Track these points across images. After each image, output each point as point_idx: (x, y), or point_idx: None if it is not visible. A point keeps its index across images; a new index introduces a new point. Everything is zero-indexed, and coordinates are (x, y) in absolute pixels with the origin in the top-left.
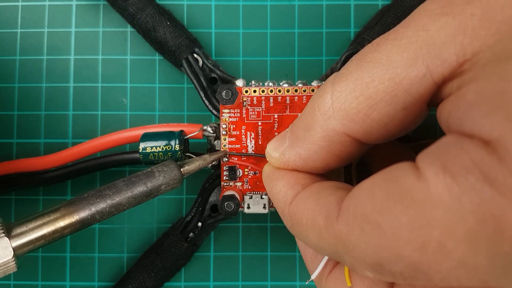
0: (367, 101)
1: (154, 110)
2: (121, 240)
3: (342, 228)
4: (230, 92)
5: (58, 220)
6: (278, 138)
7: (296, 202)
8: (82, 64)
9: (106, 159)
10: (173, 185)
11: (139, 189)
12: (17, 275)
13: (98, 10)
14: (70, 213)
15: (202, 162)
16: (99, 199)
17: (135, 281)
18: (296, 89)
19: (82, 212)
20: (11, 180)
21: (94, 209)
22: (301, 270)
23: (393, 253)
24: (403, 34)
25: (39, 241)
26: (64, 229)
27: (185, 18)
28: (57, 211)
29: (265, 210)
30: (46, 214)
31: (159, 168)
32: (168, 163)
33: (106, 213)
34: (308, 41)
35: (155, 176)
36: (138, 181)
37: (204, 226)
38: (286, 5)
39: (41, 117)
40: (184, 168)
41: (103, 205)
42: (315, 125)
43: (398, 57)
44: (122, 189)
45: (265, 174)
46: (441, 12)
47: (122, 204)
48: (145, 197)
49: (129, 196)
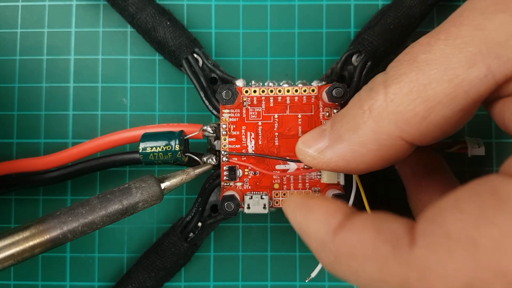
0: (424, 104)
1: (154, 110)
2: (121, 240)
3: (420, 254)
4: (230, 92)
5: (28, 240)
6: (313, 136)
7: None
8: (82, 64)
9: (106, 159)
10: (152, 202)
11: (114, 207)
12: (17, 275)
13: (98, 10)
14: (40, 232)
15: (185, 176)
16: (71, 218)
17: (135, 281)
18: (296, 89)
19: (53, 231)
20: (11, 180)
21: (66, 228)
22: (301, 270)
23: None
24: (457, 34)
25: (7, 261)
26: (33, 249)
27: (185, 18)
28: (27, 229)
29: (265, 210)
30: (15, 232)
31: (136, 184)
32: (147, 178)
33: (79, 232)
34: (308, 41)
35: (131, 193)
36: (113, 199)
37: (204, 226)
38: (286, 5)
39: (41, 117)
40: (165, 184)
41: (75, 224)
42: (365, 127)
43: (455, 58)
44: (96, 207)
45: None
46: (495, 9)
47: (96, 223)
48: (120, 215)
49: (103, 215)
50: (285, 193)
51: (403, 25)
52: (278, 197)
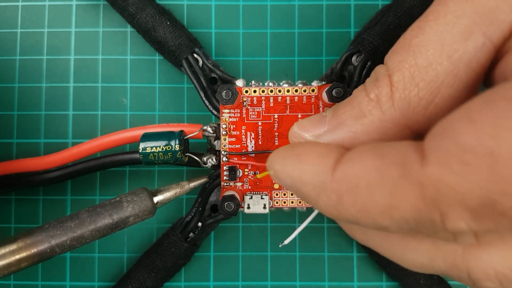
0: (428, 86)
1: (154, 110)
2: (121, 240)
3: (433, 172)
4: (230, 92)
5: (14, 253)
6: (312, 121)
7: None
8: (82, 64)
9: (106, 159)
10: (143, 217)
11: (103, 222)
12: (17, 275)
13: (98, 10)
14: (27, 245)
15: (180, 190)
16: (59, 231)
17: (135, 281)
18: (296, 89)
19: (41, 245)
20: (11, 180)
21: (54, 242)
22: (301, 270)
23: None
24: (446, 10)
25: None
26: (20, 263)
27: (185, 18)
28: (14, 242)
29: (265, 210)
30: (1, 245)
31: (128, 197)
32: (140, 191)
33: (67, 246)
34: (308, 41)
35: (122, 207)
36: (104, 212)
37: (204, 226)
38: (286, 5)
39: (41, 117)
40: (158, 197)
41: (64, 238)
42: (370, 115)
43: (449, 34)
44: (85, 220)
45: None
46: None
47: (85, 238)
48: (110, 229)
49: (92, 229)
50: (285, 193)
51: (404, 25)
52: (278, 197)
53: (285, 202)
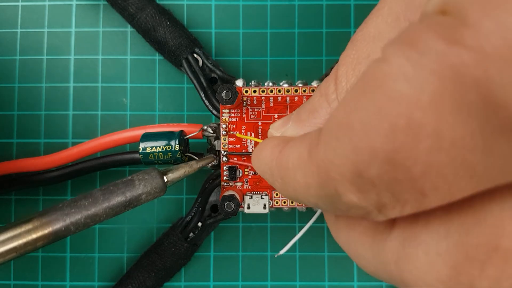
0: None
1: (154, 110)
2: (121, 240)
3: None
4: (230, 92)
5: (30, 232)
6: (282, 119)
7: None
8: (82, 64)
9: (106, 159)
10: (155, 195)
11: (117, 199)
12: (17, 275)
13: (98, 10)
14: (43, 224)
15: (188, 169)
16: (74, 210)
17: (135, 281)
18: (296, 89)
19: (56, 223)
20: (11, 180)
21: (69, 220)
22: (301, 270)
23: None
24: (384, 3)
25: (10, 254)
26: (36, 242)
27: (185, 18)
28: (29, 222)
29: (265, 210)
30: (17, 225)
31: (139, 176)
32: (150, 170)
33: (82, 224)
34: (308, 41)
35: (134, 185)
36: (116, 191)
37: (204, 226)
38: (286, 5)
39: (41, 117)
40: (168, 176)
41: (78, 216)
42: (320, 109)
43: (384, 25)
44: (99, 199)
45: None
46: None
47: (99, 215)
48: (123, 207)
49: (106, 207)
50: None
51: None
52: (278, 197)
53: (285, 202)
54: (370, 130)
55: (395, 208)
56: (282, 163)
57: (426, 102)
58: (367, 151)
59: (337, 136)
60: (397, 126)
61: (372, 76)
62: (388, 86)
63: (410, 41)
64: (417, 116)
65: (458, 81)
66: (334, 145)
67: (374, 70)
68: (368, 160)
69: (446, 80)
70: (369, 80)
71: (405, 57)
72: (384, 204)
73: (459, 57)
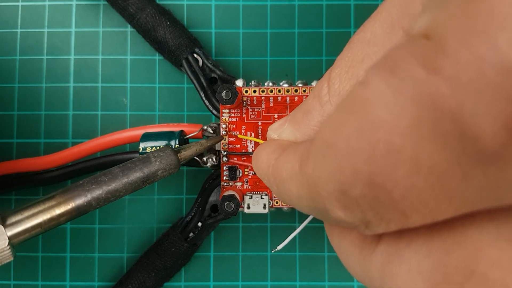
0: None
1: (154, 110)
2: (121, 240)
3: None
4: (230, 92)
5: (54, 208)
6: (280, 121)
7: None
8: (82, 64)
9: (106, 159)
10: (170, 171)
11: (135, 175)
12: (17, 275)
13: (98, 10)
14: (65, 200)
15: (199, 147)
16: (95, 186)
17: (135, 281)
18: (296, 89)
19: (78, 199)
20: (11, 180)
21: (90, 195)
22: (301, 270)
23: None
24: (383, 7)
25: (35, 229)
26: (60, 217)
27: (185, 18)
28: (53, 198)
29: (265, 210)
30: (41, 202)
31: (155, 153)
32: (165, 148)
33: (103, 199)
34: (308, 41)
35: (151, 162)
36: (134, 167)
37: (204, 226)
38: (286, 5)
39: (41, 117)
40: (181, 153)
41: (99, 192)
42: (313, 110)
43: (380, 30)
44: (118, 175)
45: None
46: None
47: (119, 190)
48: (141, 182)
49: (126, 182)
50: None
51: None
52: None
53: None
54: (352, 151)
55: (380, 225)
56: (278, 172)
57: (404, 129)
58: (350, 172)
59: (323, 154)
60: (377, 150)
61: (355, 99)
62: (368, 111)
63: (391, 66)
64: (396, 142)
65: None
66: (321, 162)
67: (357, 93)
68: (352, 180)
69: (424, 109)
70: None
71: (386, 83)
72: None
73: (437, 87)
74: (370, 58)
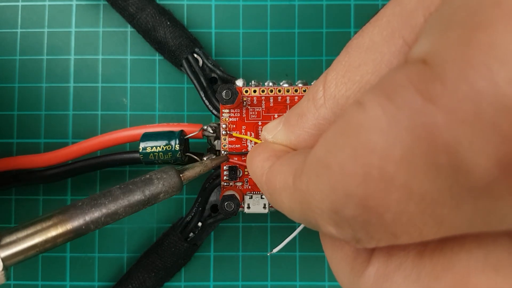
0: (354, 86)
1: (154, 110)
2: (121, 240)
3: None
4: (230, 92)
5: (50, 229)
6: (273, 122)
7: (271, 169)
8: (82, 64)
9: (106, 158)
10: (172, 193)
11: (136, 198)
12: (17, 275)
13: (98, 10)
14: (63, 222)
15: (203, 168)
16: (94, 208)
17: (135, 281)
18: (296, 89)
19: (76, 221)
20: (11, 177)
21: (89, 218)
22: (301, 270)
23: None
24: (384, 13)
25: (30, 251)
26: (56, 239)
27: (185, 18)
28: (50, 219)
29: (265, 210)
30: (37, 222)
31: (158, 175)
32: (168, 169)
33: (101, 222)
34: (308, 41)
35: (153, 184)
36: (136, 189)
37: (204, 226)
38: (286, 5)
39: (41, 117)
40: (184, 174)
41: (97, 215)
42: (308, 113)
43: (379, 37)
44: (119, 197)
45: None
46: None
47: (118, 214)
48: (142, 205)
49: (126, 205)
50: None
51: None
52: None
53: None
54: (345, 174)
55: (371, 242)
56: (271, 182)
57: (398, 157)
58: (343, 193)
59: (317, 173)
60: (370, 175)
61: (350, 121)
62: (363, 135)
63: (388, 91)
64: (389, 168)
65: (429, 141)
66: (314, 181)
67: (352, 115)
68: (344, 201)
69: (418, 139)
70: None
71: (383, 109)
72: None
73: (432, 117)
74: (367, 64)
